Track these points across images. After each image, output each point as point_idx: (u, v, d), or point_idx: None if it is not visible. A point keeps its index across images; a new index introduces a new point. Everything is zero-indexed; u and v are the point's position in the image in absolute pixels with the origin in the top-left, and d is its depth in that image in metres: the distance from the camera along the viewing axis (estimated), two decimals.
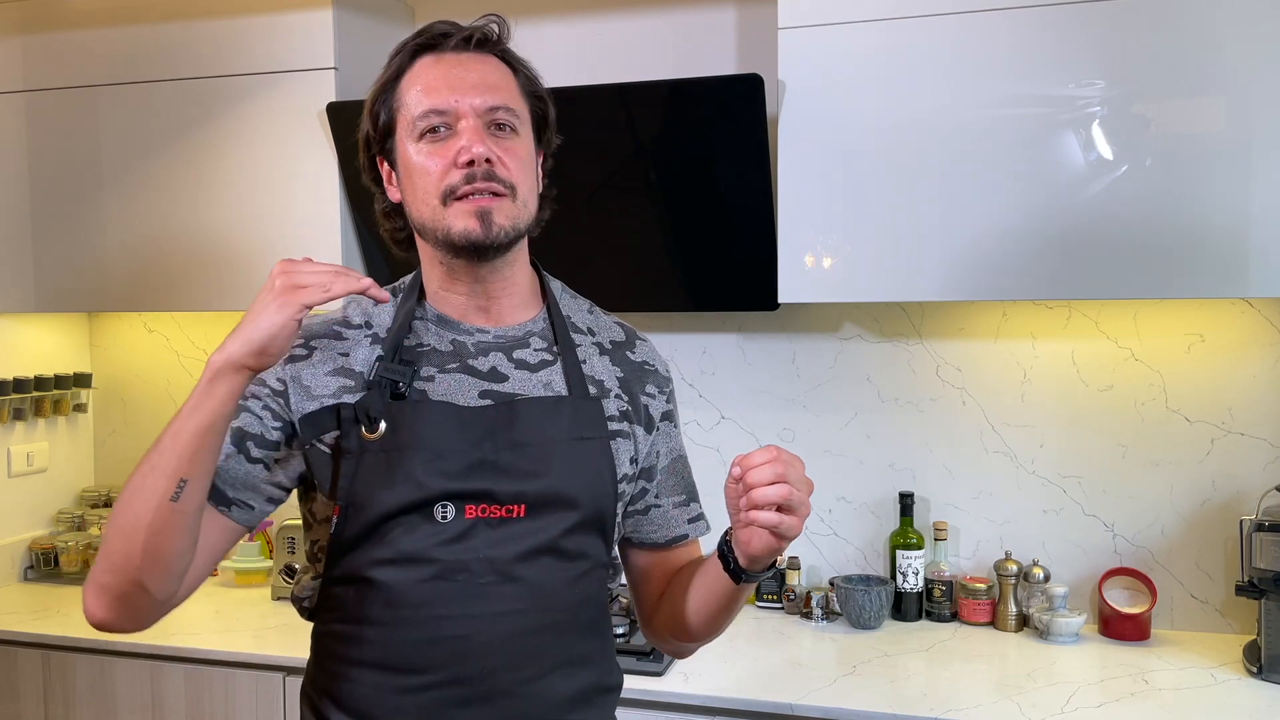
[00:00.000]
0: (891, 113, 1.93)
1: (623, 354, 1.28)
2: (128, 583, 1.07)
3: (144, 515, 1.04)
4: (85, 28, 2.37)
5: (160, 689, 2.11)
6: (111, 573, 1.07)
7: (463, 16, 2.51)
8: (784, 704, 1.78)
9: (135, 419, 2.80)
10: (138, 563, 1.05)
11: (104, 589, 1.08)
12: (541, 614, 1.14)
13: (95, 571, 1.09)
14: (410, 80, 1.15)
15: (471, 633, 1.11)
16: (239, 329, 1.04)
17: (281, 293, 1.03)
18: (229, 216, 2.30)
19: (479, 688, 1.11)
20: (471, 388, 1.16)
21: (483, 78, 1.14)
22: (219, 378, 1.03)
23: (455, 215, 1.12)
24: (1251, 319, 2.10)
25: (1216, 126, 1.77)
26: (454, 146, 1.12)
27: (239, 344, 1.03)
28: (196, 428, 1.03)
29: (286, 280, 1.04)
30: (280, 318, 1.03)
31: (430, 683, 1.11)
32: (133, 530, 1.04)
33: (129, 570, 1.06)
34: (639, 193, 2.10)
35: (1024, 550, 2.23)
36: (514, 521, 1.12)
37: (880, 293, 1.97)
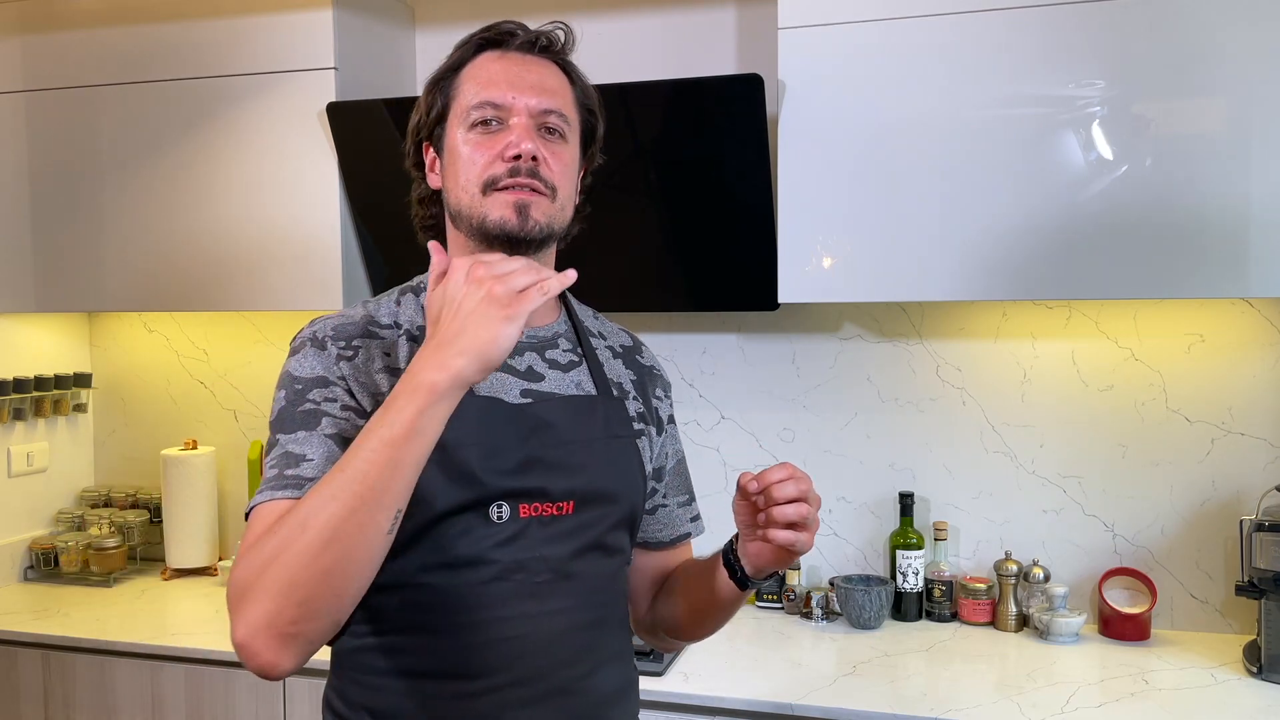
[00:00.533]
0: (892, 112, 1.93)
1: (633, 358, 1.31)
2: (325, 623, 0.97)
3: (358, 551, 0.94)
4: (85, 28, 2.37)
5: (160, 689, 2.11)
6: (308, 619, 0.95)
7: (463, 16, 2.53)
8: (784, 704, 1.78)
9: (135, 419, 2.80)
10: (344, 601, 0.96)
11: (292, 638, 0.95)
12: (590, 610, 1.16)
13: (276, 622, 0.94)
14: (470, 72, 1.16)
15: (529, 632, 1.11)
16: (456, 342, 0.94)
17: (505, 300, 0.94)
18: (229, 216, 2.30)
19: (538, 687, 1.11)
20: (513, 386, 1.16)
21: (541, 80, 1.16)
22: (443, 399, 0.94)
23: (493, 204, 1.12)
24: (1251, 319, 2.10)
25: (1216, 126, 1.77)
26: (503, 140, 1.12)
27: (468, 360, 0.93)
28: (418, 456, 0.95)
29: (504, 286, 0.95)
30: (512, 329, 0.94)
31: (490, 686, 1.10)
32: (343, 569, 0.94)
33: (332, 610, 0.96)
34: (639, 193, 2.10)
35: (1024, 550, 2.23)
36: (564, 519, 1.13)
37: (880, 293, 1.97)
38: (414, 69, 2.53)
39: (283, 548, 0.94)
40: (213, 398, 2.73)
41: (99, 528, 2.62)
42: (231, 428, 2.72)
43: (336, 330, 1.14)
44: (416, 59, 2.54)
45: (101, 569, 2.55)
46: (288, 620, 0.94)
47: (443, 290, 0.98)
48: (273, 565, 0.94)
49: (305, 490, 1.01)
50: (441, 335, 0.96)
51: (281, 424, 1.09)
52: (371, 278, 2.34)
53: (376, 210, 2.24)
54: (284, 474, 1.04)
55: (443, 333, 0.96)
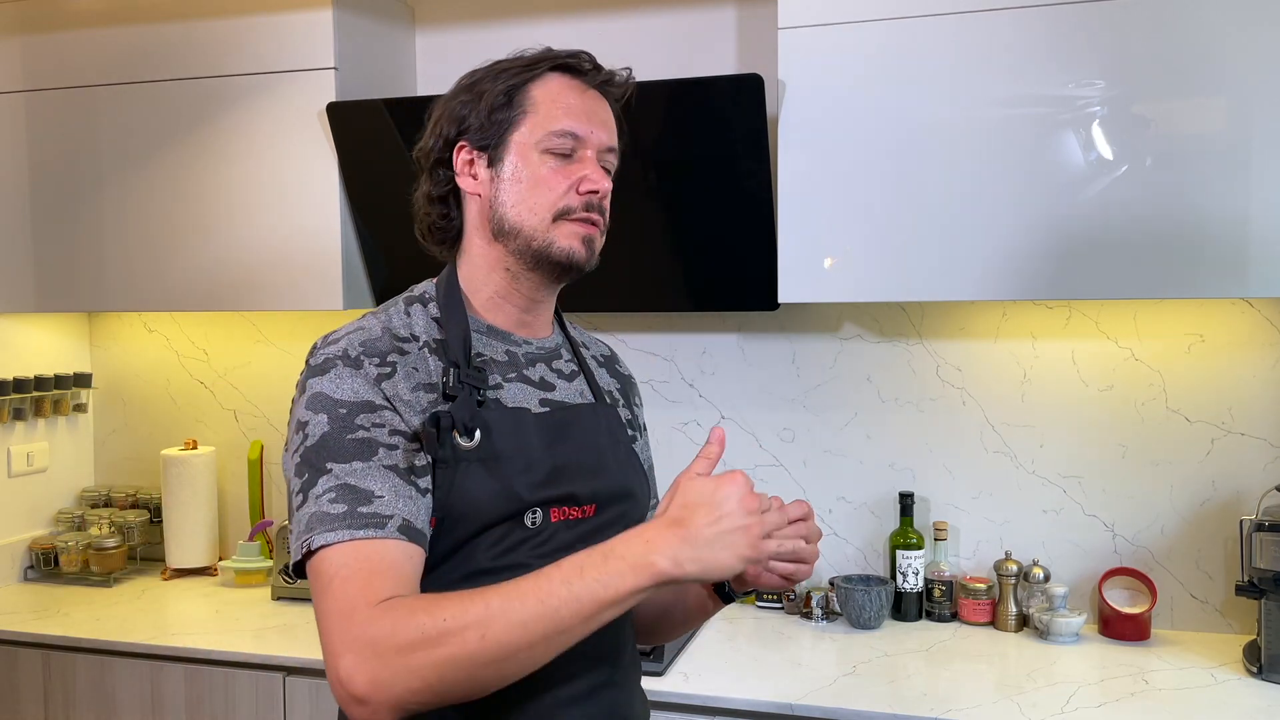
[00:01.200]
0: (891, 113, 1.93)
1: (614, 367, 1.36)
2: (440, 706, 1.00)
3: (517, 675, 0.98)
4: (85, 28, 2.37)
5: (160, 689, 2.11)
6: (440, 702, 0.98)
7: (464, 17, 2.53)
8: (784, 704, 1.78)
9: (135, 419, 2.80)
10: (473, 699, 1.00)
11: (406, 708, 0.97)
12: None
13: (408, 695, 0.96)
14: (549, 93, 1.17)
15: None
16: (697, 547, 0.97)
17: (757, 545, 0.99)
18: (229, 216, 2.30)
19: (584, 685, 1.14)
20: (532, 396, 1.18)
21: (608, 119, 1.21)
22: (655, 585, 0.97)
23: (562, 234, 1.15)
24: (1251, 319, 2.10)
25: (1216, 127, 1.77)
26: (576, 171, 1.16)
27: (698, 569, 0.97)
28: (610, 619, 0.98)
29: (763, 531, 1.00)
30: (739, 567, 0.98)
31: (541, 687, 1.11)
32: (495, 683, 0.98)
33: (459, 703, 1.00)
34: (639, 193, 2.10)
35: (1024, 550, 2.23)
36: (587, 521, 1.17)
37: (880, 293, 1.97)
38: (414, 69, 2.53)
39: (450, 640, 0.95)
40: (213, 398, 2.73)
41: (99, 528, 2.62)
42: (231, 428, 2.72)
43: (366, 347, 1.11)
44: (416, 59, 2.54)
45: (101, 569, 2.55)
46: (420, 702, 0.97)
47: (715, 487, 0.99)
48: (434, 650, 0.95)
49: (389, 529, 1.02)
50: (692, 530, 0.97)
51: (330, 452, 1.06)
52: (371, 278, 2.34)
53: (376, 210, 2.24)
54: (357, 511, 1.03)
55: (694, 529, 0.97)
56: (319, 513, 1.03)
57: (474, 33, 2.49)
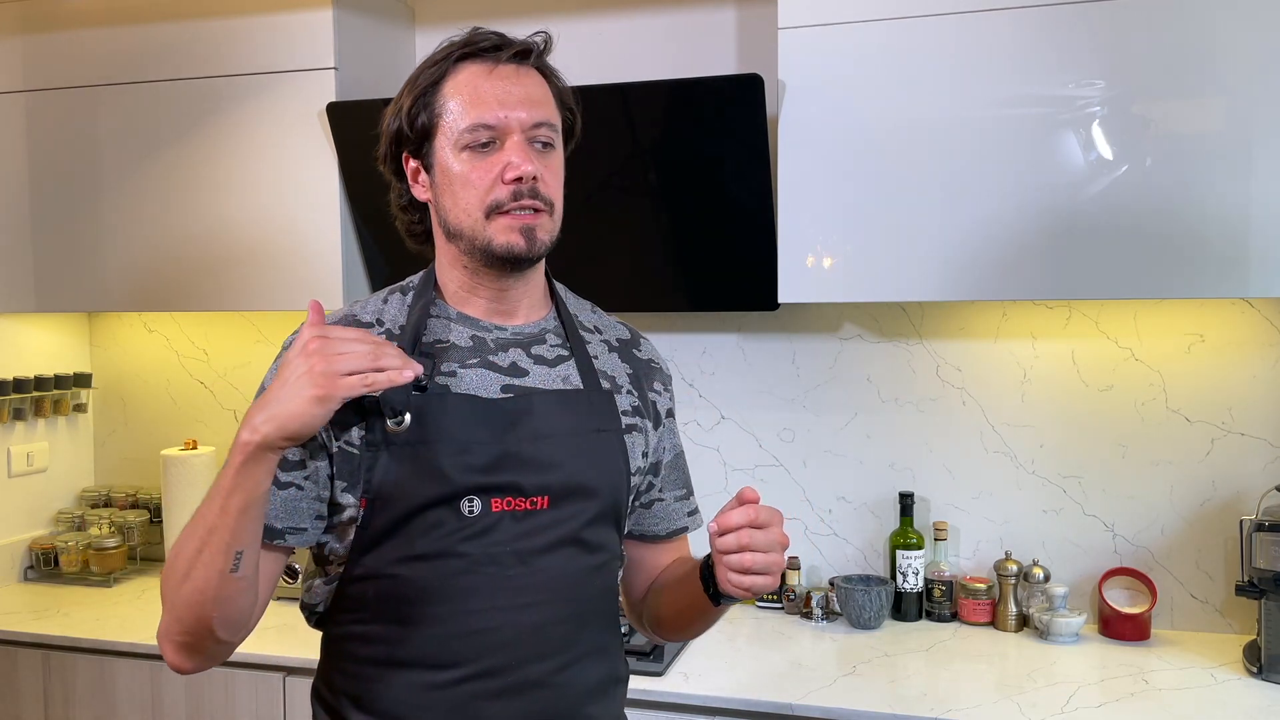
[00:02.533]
0: (891, 113, 1.93)
1: (630, 352, 1.31)
2: (205, 639, 1.10)
3: (208, 588, 1.06)
4: (85, 28, 2.37)
5: (160, 689, 2.11)
6: (187, 634, 1.10)
7: (464, 16, 2.53)
8: (784, 704, 1.78)
9: (135, 419, 2.80)
10: (210, 624, 1.08)
11: (183, 646, 1.11)
12: (566, 604, 1.16)
13: (169, 631, 1.11)
14: (456, 87, 1.15)
15: (501, 625, 1.13)
16: (270, 406, 1.00)
17: (321, 382, 0.99)
18: (229, 216, 2.30)
19: (510, 679, 1.13)
20: (493, 382, 1.17)
21: (528, 93, 1.15)
22: (252, 460, 1.01)
23: (498, 230, 1.14)
24: (1251, 319, 2.10)
25: (1216, 126, 1.77)
26: (500, 161, 1.13)
27: (272, 427, 1.00)
28: (242, 505, 1.03)
29: (326, 365, 0.99)
30: (319, 410, 0.99)
31: (462, 677, 1.12)
32: (199, 601, 1.06)
33: (204, 632, 1.09)
34: (639, 193, 2.10)
35: (1024, 550, 2.23)
36: (538, 513, 1.14)
37: (880, 293, 1.97)
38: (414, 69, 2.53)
39: (167, 571, 1.09)
40: (213, 398, 2.73)
41: (99, 528, 2.62)
42: (231, 428, 2.72)
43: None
44: (416, 59, 2.54)
45: (101, 569, 2.55)
46: (175, 633, 1.10)
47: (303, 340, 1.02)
48: (163, 584, 1.10)
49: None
50: (266, 396, 1.02)
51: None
52: (371, 278, 2.34)
53: (376, 210, 2.22)
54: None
55: (268, 393, 1.02)
56: None
57: None
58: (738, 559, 1.07)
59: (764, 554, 1.06)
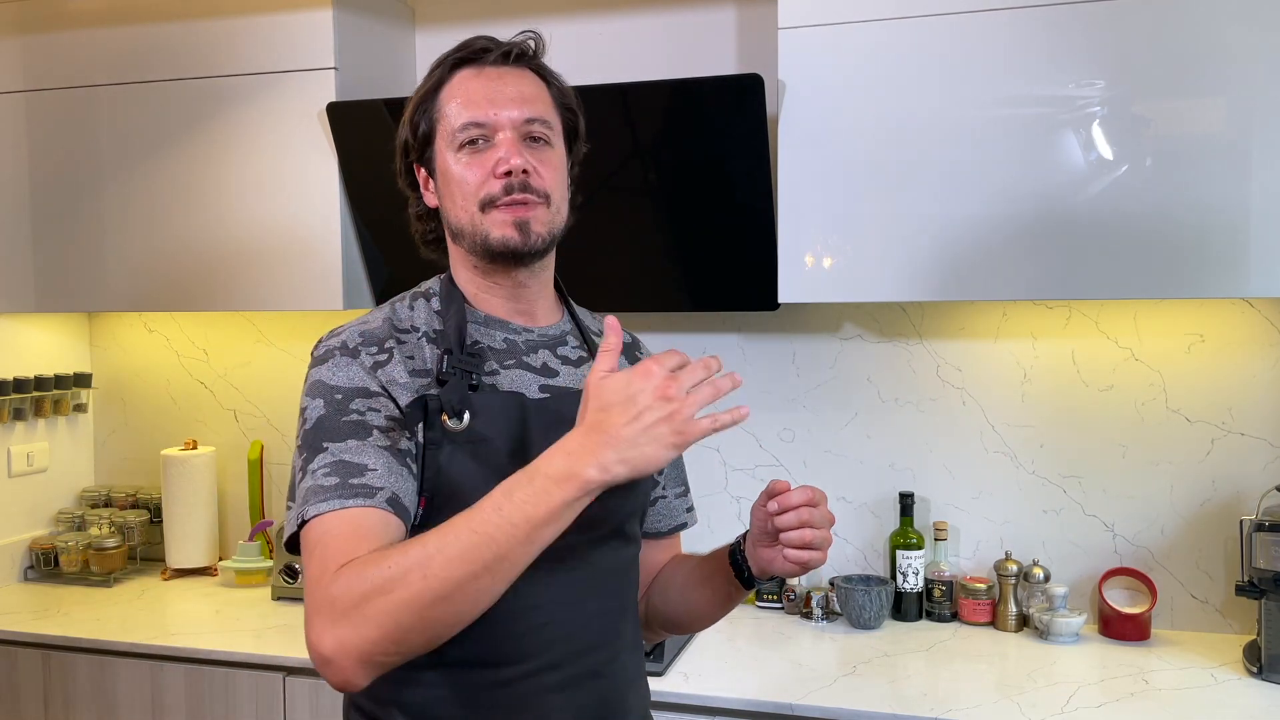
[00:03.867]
0: (891, 112, 1.93)
1: (633, 355, 1.36)
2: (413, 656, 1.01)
3: (473, 611, 0.98)
4: (85, 28, 2.37)
5: (160, 689, 2.11)
6: (403, 653, 0.99)
7: (464, 16, 2.53)
8: (784, 704, 1.78)
9: (135, 419, 2.80)
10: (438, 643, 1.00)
11: (378, 665, 0.99)
12: (612, 596, 1.20)
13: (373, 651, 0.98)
14: (450, 92, 1.19)
15: (559, 618, 1.14)
16: (625, 452, 0.96)
17: (681, 429, 0.97)
18: (229, 216, 2.30)
19: (570, 671, 1.15)
20: (531, 382, 1.20)
21: (519, 91, 1.19)
22: (586, 495, 0.97)
23: (493, 223, 1.16)
24: (1251, 319, 2.10)
25: (1216, 126, 1.77)
26: (492, 157, 1.16)
27: (628, 471, 0.96)
28: (548, 538, 0.98)
29: (681, 413, 0.97)
30: (669, 455, 0.97)
31: (524, 672, 1.13)
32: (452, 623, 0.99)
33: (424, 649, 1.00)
34: (639, 193, 2.10)
35: (1024, 550, 2.23)
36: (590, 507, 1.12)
37: (880, 293, 1.97)
38: (414, 69, 2.53)
39: (397, 585, 0.96)
40: (213, 398, 2.73)
41: (99, 528, 2.62)
42: (231, 428, 2.72)
43: (365, 337, 1.16)
44: (416, 59, 2.54)
45: (101, 569, 2.55)
46: (381, 652, 0.98)
47: (627, 383, 0.97)
48: (382, 598, 0.96)
49: (378, 500, 1.04)
50: (611, 433, 0.96)
51: (326, 433, 1.09)
52: (371, 278, 2.33)
53: (376, 210, 2.24)
54: (349, 483, 1.05)
55: (613, 430, 0.96)
56: (314, 486, 1.06)
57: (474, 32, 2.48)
58: (799, 535, 1.11)
59: (821, 530, 1.12)
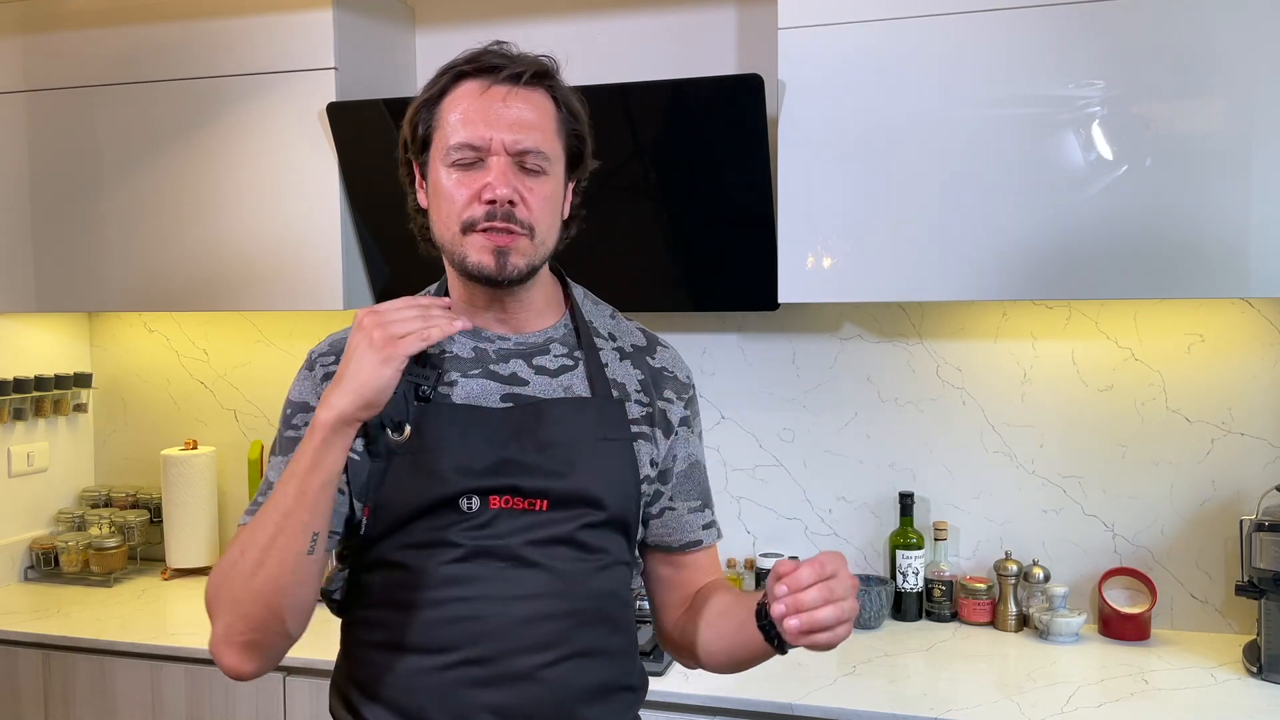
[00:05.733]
0: (892, 112, 1.93)
1: (643, 359, 1.30)
2: (273, 635, 1.11)
3: (283, 574, 1.07)
4: (85, 28, 2.37)
5: (160, 689, 2.11)
6: (254, 631, 1.10)
7: (464, 16, 2.53)
8: (784, 704, 1.78)
9: (135, 419, 2.80)
10: (283, 616, 1.09)
11: (248, 647, 1.11)
12: (560, 600, 1.17)
13: (230, 633, 1.10)
14: (452, 103, 1.17)
15: (490, 614, 1.15)
16: (343, 383, 1.05)
17: (383, 345, 1.04)
18: (229, 216, 2.30)
19: (497, 668, 1.14)
20: (494, 391, 1.20)
21: (520, 116, 1.15)
22: (334, 434, 1.06)
23: (472, 247, 1.16)
24: (1251, 319, 2.10)
25: (1216, 127, 1.77)
26: (480, 180, 1.14)
27: (348, 400, 1.05)
28: (321, 484, 1.07)
29: (384, 332, 1.04)
30: (387, 371, 1.04)
31: (452, 662, 1.14)
32: (273, 590, 1.08)
33: (275, 625, 1.10)
34: (639, 193, 2.10)
35: (1024, 550, 2.23)
36: (536, 514, 1.16)
37: (880, 293, 1.97)
38: (414, 69, 2.53)
39: (230, 570, 1.10)
40: (213, 398, 2.73)
41: (99, 528, 2.62)
42: (231, 428, 2.72)
43: (332, 345, 1.23)
44: (416, 59, 2.54)
45: (101, 569, 2.55)
46: (238, 632, 1.10)
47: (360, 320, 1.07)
48: (223, 585, 1.11)
49: None
50: (336, 377, 1.07)
51: (273, 448, 1.23)
52: (372, 278, 2.33)
53: (376, 210, 2.24)
54: (257, 500, 1.19)
55: (338, 374, 1.07)
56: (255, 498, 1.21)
57: (474, 33, 2.49)
58: (825, 615, 1.01)
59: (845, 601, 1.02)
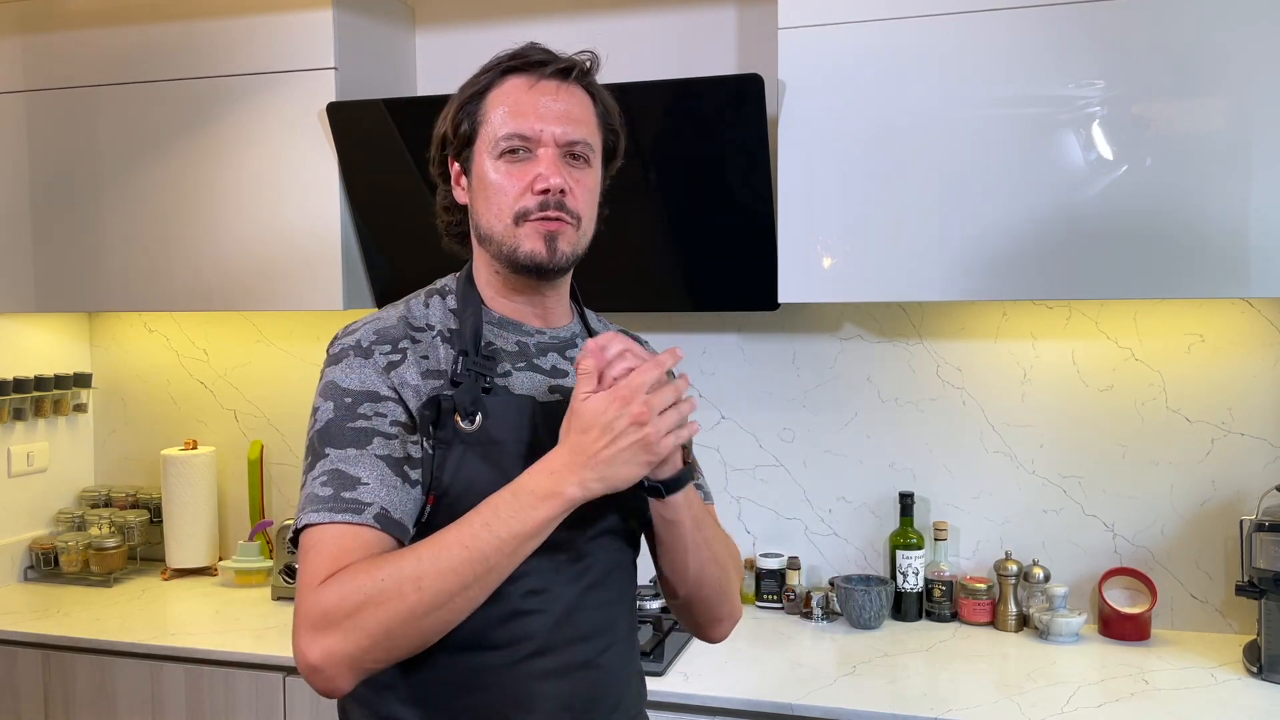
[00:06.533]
0: (892, 112, 1.93)
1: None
2: (395, 662, 1.07)
3: (457, 620, 1.06)
4: (85, 28, 2.37)
5: (160, 689, 2.11)
6: (388, 660, 1.06)
7: (464, 16, 2.53)
8: (784, 704, 1.78)
9: (135, 419, 2.80)
10: (425, 648, 1.07)
11: (366, 671, 1.06)
12: (606, 590, 1.21)
13: (361, 659, 1.04)
14: (498, 98, 1.18)
15: (550, 606, 1.16)
16: (602, 470, 1.04)
17: (648, 451, 1.05)
18: (229, 216, 2.30)
19: (560, 659, 1.16)
20: (541, 384, 1.22)
21: (568, 109, 1.18)
22: (567, 510, 1.06)
23: (525, 236, 1.17)
24: (1251, 319, 2.10)
25: (1216, 126, 1.77)
26: (532, 171, 1.16)
27: (605, 487, 1.05)
28: (531, 550, 1.06)
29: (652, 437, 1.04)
30: (642, 472, 1.06)
31: (514, 658, 1.15)
32: (439, 632, 1.06)
33: (409, 655, 1.07)
34: (639, 193, 2.10)
35: (1024, 550, 2.23)
36: (590, 503, 1.14)
37: (880, 293, 1.97)
38: (414, 69, 2.53)
39: (389, 597, 1.02)
40: (213, 398, 2.73)
41: (99, 528, 2.62)
42: (231, 428, 2.72)
43: (380, 335, 1.18)
44: (416, 59, 2.54)
45: (101, 569, 2.55)
46: (371, 659, 1.04)
47: (604, 408, 1.04)
48: (373, 609, 1.02)
49: (365, 516, 1.07)
50: (591, 453, 1.04)
51: (331, 438, 1.12)
52: (372, 278, 2.33)
53: (376, 210, 2.24)
54: (340, 496, 1.08)
55: (593, 452, 1.04)
56: (310, 494, 1.10)
57: (474, 33, 2.49)
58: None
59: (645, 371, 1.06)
